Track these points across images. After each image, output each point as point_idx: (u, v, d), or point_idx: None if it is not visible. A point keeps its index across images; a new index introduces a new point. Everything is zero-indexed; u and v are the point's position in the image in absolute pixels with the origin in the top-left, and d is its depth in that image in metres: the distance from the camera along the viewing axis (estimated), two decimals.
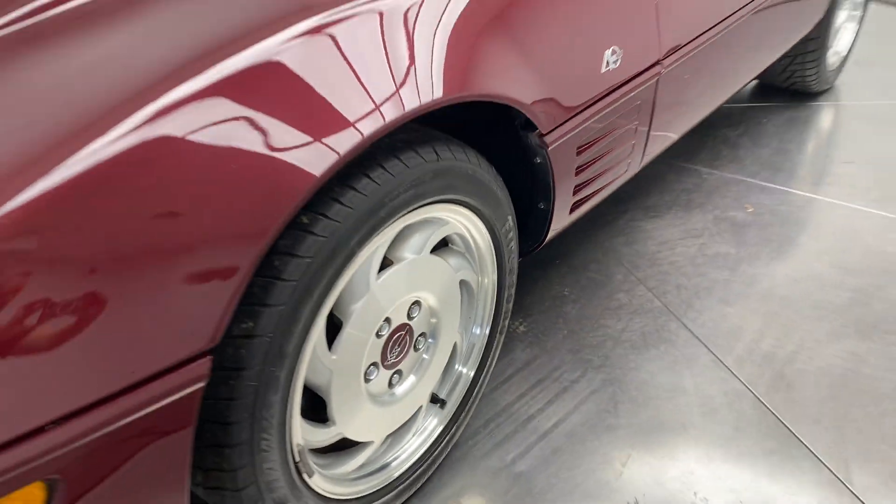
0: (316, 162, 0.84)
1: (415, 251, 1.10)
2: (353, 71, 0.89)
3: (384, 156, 0.97)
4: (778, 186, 2.25)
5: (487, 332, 1.31)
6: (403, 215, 1.02)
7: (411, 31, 0.97)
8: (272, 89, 0.81)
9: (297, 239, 0.89)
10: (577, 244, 1.97)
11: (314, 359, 0.99)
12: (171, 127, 0.74)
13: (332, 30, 0.88)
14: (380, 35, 0.93)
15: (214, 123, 0.77)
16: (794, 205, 2.16)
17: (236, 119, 0.78)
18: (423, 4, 0.99)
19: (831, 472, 1.36)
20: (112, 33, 0.86)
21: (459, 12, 1.04)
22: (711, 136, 2.53)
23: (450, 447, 1.33)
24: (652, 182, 2.25)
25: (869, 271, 1.88)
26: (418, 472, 1.26)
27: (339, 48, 0.88)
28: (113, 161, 0.71)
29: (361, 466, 1.18)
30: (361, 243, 0.96)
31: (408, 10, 0.97)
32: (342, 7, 0.90)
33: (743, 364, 1.59)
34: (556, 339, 1.66)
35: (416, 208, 1.04)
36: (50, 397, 0.72)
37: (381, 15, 0.94)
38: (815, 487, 1.33)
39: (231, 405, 0.89)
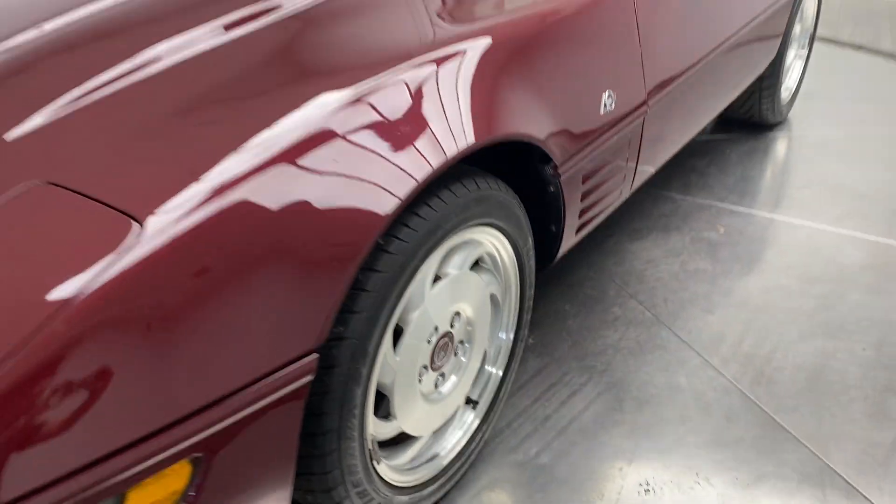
0: (398, 191, 1.03)
1: (457, 268, 1.29)
2: (418, 124, 1.09)
3: (438, 188, 1.17)
4: (744, 209, 2.50)
5: (512, 336, 1.50)
6: (452, 236, 1.21)
7: (455, 90, 1.18)
8: (366, 142, 1.02)
9: (375, 257, 1.07)
10: (572, 266, 2.18)
11: (384, 360, 1.17)
12: (299, 175, 0.93)
13: (388, 95, 1.08)
14: (437, 95, 1.14)
15: (328, 170, 0.96)
16: (760, 225, 2.40)
17: (347, 161, 0.98)
18: (461, 68, 1.20)
19: (811, 451, 1.56)
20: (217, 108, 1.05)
21: (489, 74, 1.25)
22: (682, 166, 2.78)
23: (482, 443, 1.51)
24: (633, 209, 2.48)
25: (830, 280, 2.12)
26: (460, 463, 1.43)
27: (413, 103, 1.09)
28: (251, 197, 0.90)
29: (413, 458, 1.35)
30: (423, 260, 1.15)
31: (452, 71, 1.18)
32: (408, 72, 1.10)
33: (728, 364, 1.80)
34: (562, 349, 1.85)
35: (461, 230, 1.23)
36: (205, 386, 0.89)
37: (436, 73, 1.14)
38: (798, 464, 1.53)
39: (325, 398, 1.06)
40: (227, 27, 1.21)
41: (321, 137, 0.99)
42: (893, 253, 2.26)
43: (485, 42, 1.26)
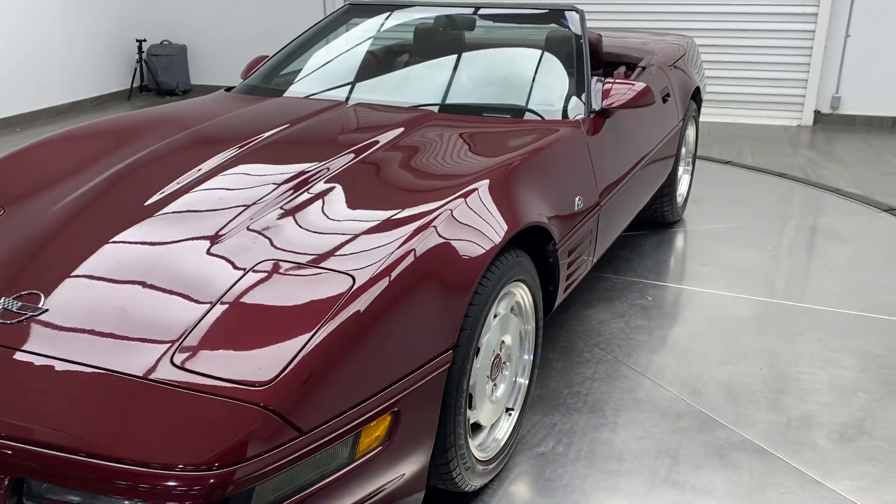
0: (488, 247, 1.75)
1: (504, 310, 1.99)
2: (496, 214, 1.83)
3: (500, 255, 1.88)
4: (662, 283, 3.31)
5: (530, 358, 2.18)
6: (506, 285, 1.92)
7: (507, 197, 1.93)
8: (467, 221, 1.73)
9: (478, 289, 1.76)
10: (549, 329, 2.90)
11: (471, 368, 1.83)
12: (439, 237, 1.64)
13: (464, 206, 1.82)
14: (504, 198, 1.88)
15: (452, 237, 1.67)
16: (675, 293, 3.21)
17: (457, 232, 1.70)
18: (501, 185, 1.95)
19: (734, 430, 2.29)
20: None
21: (523, 188, 2.00)
22: (613, 256, 3.60)
23: (517, 438, 2.16)
24: (583, 287, 3.25)
25: (730, 327, 2.92)
26: (507, 450, 2.07)
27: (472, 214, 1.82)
28: (413, 256, 1.59)
29: (482, 442, 1.98)
30: (495, 298, 1.84)
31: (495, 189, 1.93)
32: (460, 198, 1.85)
33: (672, 384, 2.53)
34: (554, 382, 2.54)
35: (508, 283, 1.94)
36: (400, 365, 1.54)
37: (491, 187, 1.89)
38: (726, 439, 2.25)
39: (448, 384, 1.71)
40: (357, 152, 1.95)
41: (443, 217, 1.70)
42: (769, 307, 3.10)
43: (506, 168, 2.03)
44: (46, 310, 1.62)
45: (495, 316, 1.94)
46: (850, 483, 2.06)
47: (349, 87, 2.97)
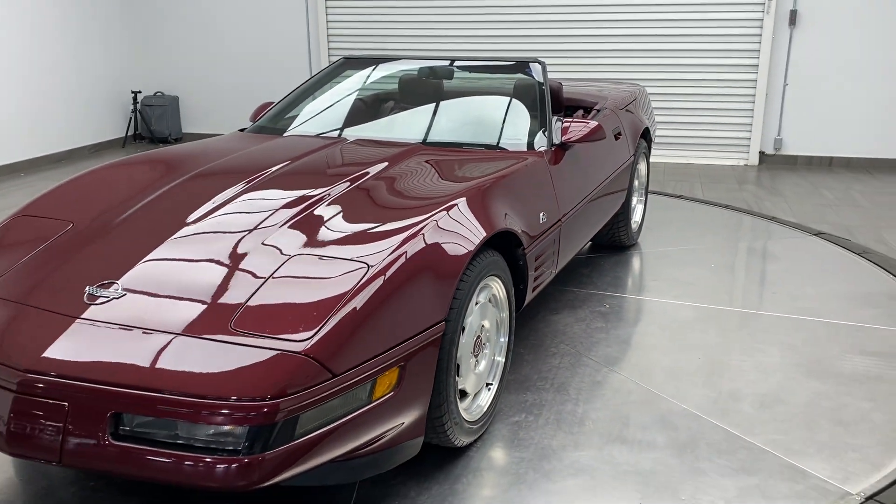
0: (470, 247, 2.24)
1: (484, 299, 2.47)
2: (473, 223, 2.32)
3: (479, 254, 2.37)
4: (619, 294, 3.82)
5: (505, 341, 2.65)
6: (484, 278, 2.40)
7: (483, 209, 2.43)
8: (451, 228, 2.23)
9: (462, 278, 2.24)
10: (519, 331, 3.38)
11: (459, 343, 2.30)
12: (428, 239, 2.14)
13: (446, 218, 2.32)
14: (482, 210, 2.38)
15: (439, 241, 2.16)
16: (630, 302, 3.71)
17: (445, 236, 2.19)
18: (479, 200, 2.46)
19: (677, 403, 2.76)
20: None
21: (496, 203, 2.51)
22: (575, 272, 4.11)
23: (496, 409, 2.61)
24: (549, 297, 3.74)
25: (676, 328, 3.42)
26: (487, 417, 2.52)
27: (455, 223, 2.33)
28: (413, 248, 2.08)
29: (467, 407, 2.44)
30: (476, 287, 2.33)
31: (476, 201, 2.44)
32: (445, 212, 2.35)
33: (624, 370, 3.02)
34: (526, 370, 3.01)
35: (486, 276, 2.42)
36: (407, 328, 2.01)
37: (470, 202, 2.40)
38: (668, 411, 2.72)
39: (442, 349, 2.18)
40: (352, 181, 2.45)
41: (432, 226, 2.19)
42: (710, 311, 3.61)
43: (480, 188, 2.54)
44: (124, 294, 2.08)
45: (476, 303, 2.42)
46: (765, 437, 2.55)
47: (344, 126, 3.48)
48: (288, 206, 2.45)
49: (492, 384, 2.61)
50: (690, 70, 7.22)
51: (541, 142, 3.18)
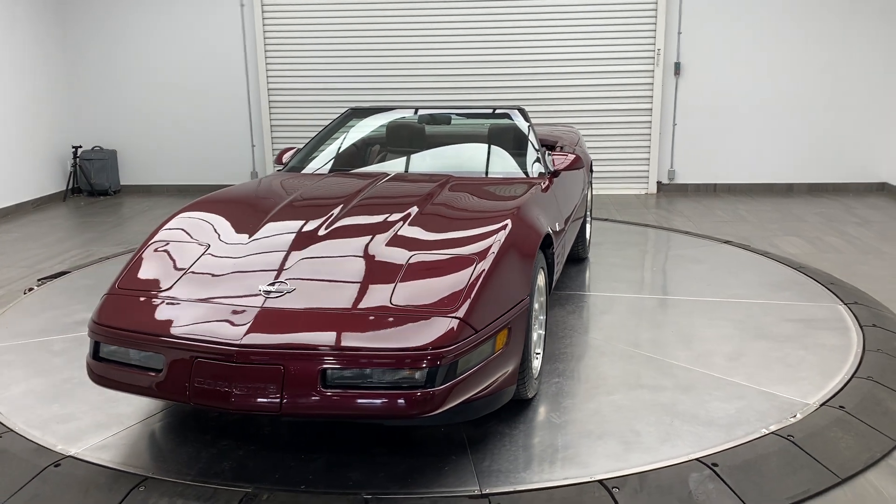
0: (535, 244, 3.03)
1: (535, 286, 3.24)
2: (537, 226, 3.12)
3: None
4: (594, 293, 4.69)
5: (544, 318, 3.43)
6: (539, 271, 3.18)
7: (532, 216, 3.23)
8: (515, 248, 3.03)
9: (532, 263, 3.02)
10: None
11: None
12: (510, 234, 2.92)
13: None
14: (533, 215, 3.19)
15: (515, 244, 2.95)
16: (605, 297, 4.59)
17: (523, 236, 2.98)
18: (525, 213, 3.27)
19: (663, 360, 3.63)
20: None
21: (534, 216, 3.32)
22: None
23: (541, 373, 3.37)
24: None
25: (643, 313, 4.31)
26: (539, 377, 3.28)
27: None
28: (500, 243, 2.86)
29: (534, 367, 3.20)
30: (536, 275, 3.10)
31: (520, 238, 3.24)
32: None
33: (620, 343, 3.86)
34: (549, 349, 3.79)
35: (539, 268, 3.20)
36: (507, 300, 2.76)
37: (521, 211, 3.20)
38: (663, 364, 3.58)
39: (528, 316, 2.93)
40: (418, 205, 3.21)
41: (508, 229, 2.97)
42: (665, 300, 4.54)
43: (524, 202, 3.35)
44: (294, 289, 2.71)
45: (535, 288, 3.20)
46: (740, 377, 3.45)
47: (383, 163, 4.21)
48: (380, 228, 3.11)
49: (539, 353, 3.37)
50: (597, 114, 8.37)
51: (541, 169, 4.03)
